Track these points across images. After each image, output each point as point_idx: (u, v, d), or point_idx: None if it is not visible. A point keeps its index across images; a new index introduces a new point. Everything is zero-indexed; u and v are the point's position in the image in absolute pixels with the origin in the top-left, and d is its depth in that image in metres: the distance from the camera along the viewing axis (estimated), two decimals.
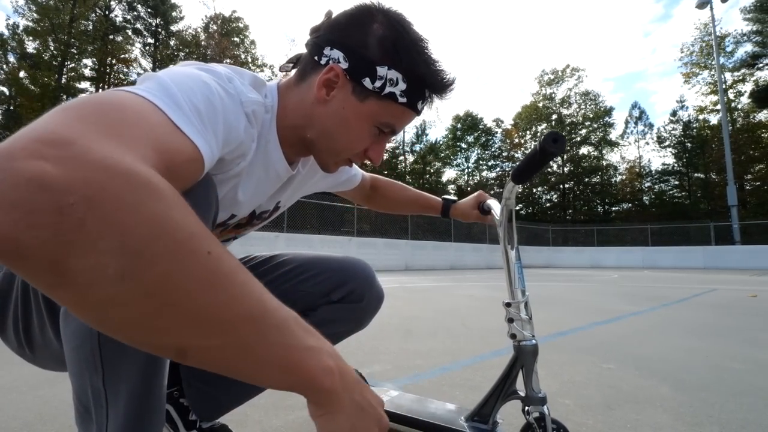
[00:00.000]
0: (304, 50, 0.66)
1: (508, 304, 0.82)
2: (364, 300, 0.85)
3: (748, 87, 27.96)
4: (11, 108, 23.21)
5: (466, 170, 37.94)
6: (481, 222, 1.06)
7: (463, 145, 37.68)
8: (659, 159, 40.95)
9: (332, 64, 0.60)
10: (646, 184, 34.07)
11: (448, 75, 0.64)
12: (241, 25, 30.48)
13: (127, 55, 27.49)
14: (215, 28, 29.24)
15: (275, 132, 0.64)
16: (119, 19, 27.34)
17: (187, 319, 0.30)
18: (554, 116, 36.22)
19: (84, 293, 0.27)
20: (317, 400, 0.38)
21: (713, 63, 25.88)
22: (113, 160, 0.29)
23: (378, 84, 0.60)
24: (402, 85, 0.60)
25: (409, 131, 36.51)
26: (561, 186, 34.90)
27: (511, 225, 0.84)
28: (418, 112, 0.64)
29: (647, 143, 34.96)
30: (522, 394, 0.81)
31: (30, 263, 0.26)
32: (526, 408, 0.80)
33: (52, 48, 23.61)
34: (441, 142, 37.75)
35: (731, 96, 28.38)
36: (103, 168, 0.28)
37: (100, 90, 26.91)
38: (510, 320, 0.81)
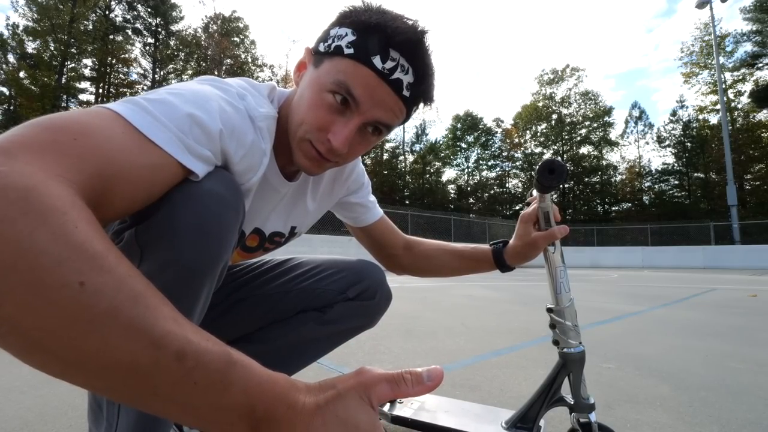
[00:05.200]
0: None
1: (550, 310, 0.78)
2: (376, 297, 0.87)
3: (748, 87, 28.02)
4: (11, 108, 23.20)
5: (466, 170, 38.00)
6: (550, 240, 0.76)
7: (463, 145, 37.75)
8: (659, 159, 40.98)
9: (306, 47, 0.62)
10: (646, 184, 34.12)
11: (409, 23, 0.55)
12: (241, 25, 30.49)
13: (127, 55, 27.53)
14: (215, 28, 29.23)
15: (273, 139, 0.63)
16: (119, 19, 27.41)
17: (54, 358, 0.27)
18: (554, 116, 36.23)
19: None
20: None
21: (713, 63, 25.89)
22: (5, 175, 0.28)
23: (328, 43, 0.57)
24: (350, 37, 0.55)
25: (409, 131, 36.54)
26: (561, 186, 34.85)
27: (549, 227, 0.77)
28: (373, 68, 0.54)
29: (647, 143, 35.01)
30: (568, 399, 0.78)
31: None
32: (573, 414, 0.78)
33: (52, 48, 23.63)
34: (441, 142, 37.81)
35: (731, 96, 28.41)
36: None
37: (101, 90, 26.76)
38: (552, 326, 0.78)
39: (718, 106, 24.18)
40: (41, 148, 0.32)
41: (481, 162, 37.64)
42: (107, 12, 26.42)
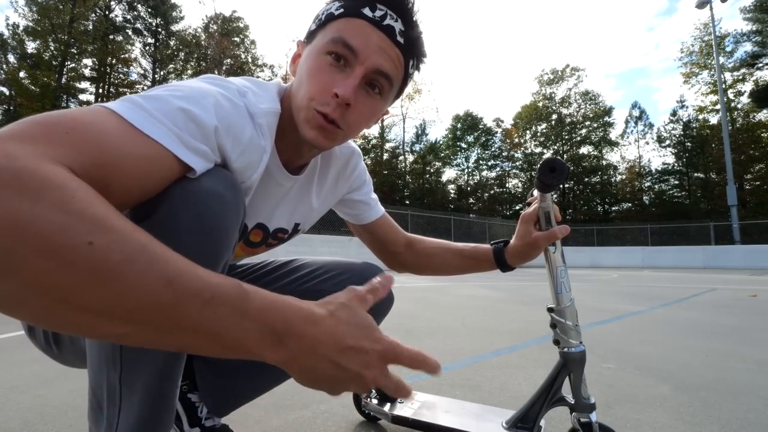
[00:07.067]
0: None
1: (550, 309, 0.78)
2: None
3: (747, 87, 28.00)
4: (11, 108, 23.19)
5: (466, 170, 37.98)
6: (551, 240, 0.77)
7: (463, 145, 37.73)
8: (659, 159, 40.96)
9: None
10: (646, 184, 34.11)
11: None
12: (241, 25, 30.48)
13: (127, 55, 27.52)
14: (215, 28, 29.22)
15: (274, 135, 0.63)
16: (119, 19, 27.39)
17: (84, 312, 0.30)
18: (554, 116, 36.23)
19: None
20: (275, 362, 0.38)
21: (713, 63, 25.89)
22: None
23: (318, 18, 0.61)
24: (337, 3, 0.59)
25: (409, 131, 36.58)
26: (561, 185, 34.80)
27: (550, 227, 0.77)
28: (364, 17, 0.57)
29: (647, 143, 35.00)
30: (569, 399, 0.79)
31: None
32: (574, 414, 0.78)
33: (52, 48, 23.62)
34: (441, 142, 37.78)
35: (731, 96, 28.40)
36: None
37: (101, 90, 26.72)
38: (553, 326, 0.78)
39: (718, 106, 24.20)
40: (33, 139, 0.33)
41: (481, 162, 37.62)
42: (107, 12, 26.40)
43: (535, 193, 0.79)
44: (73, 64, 24.93)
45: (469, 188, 37.73)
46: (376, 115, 0.64)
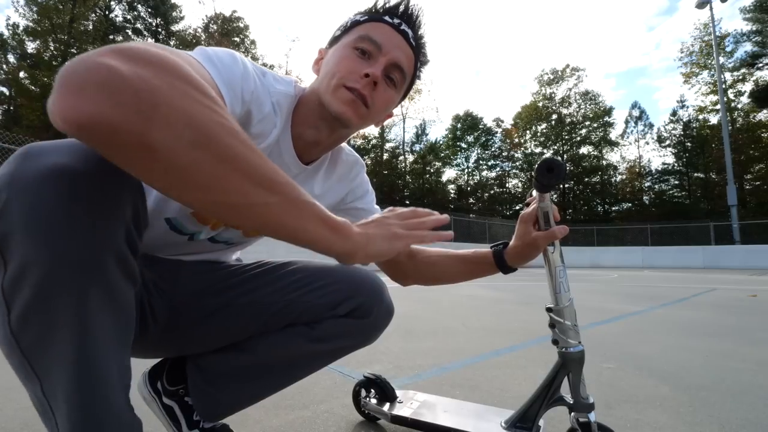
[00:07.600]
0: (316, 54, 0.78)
1: (549, 309, 0.78)
2: (372, 315, 0.79)
3: (748, 87, 27.97)
4: (11, 108, 23.18)
5: (466, 170, 37.97)
6: (550, 240, 0.77)
7: (463, 145, 37.71)
8: (659, 159, 40.88)
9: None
10: (646, 184, 34.08)
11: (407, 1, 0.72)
12: (241, 25, 30.47)
13: None
14: (215, 28, 29.21)
15: (290, 120, 0.70)
16: (119, 19, 27.31)
17: (251, 179, 0.40)
18: (554, 116, 36.22)
19: (169, 159, 0.36)
20: (344, 249, 0.50)
21: (713, 63, 25.88)
22: (171, 61, 0.39)
23: (344, 25, 0.73)
24: (361, 14, 0.72)
25: (409, 131, 36.57)
26: (561, 186, 34.86)
27: (549, 227, 0.77)
28: (386, 22, 0.69)
29: (647, 143, 34.98)
30: (568, 399, 0.79)
31: (121, 137, 0.34)
32: (573, 414, 0.79)
33: (52, 48, 23.59)
34: (441, 142, 37.76)
35: (731, 96, 28.38)
36: (161, 65, 0.37)
37: None
38: (552, 326, 0.78)
39: (718, 106, 24.17)
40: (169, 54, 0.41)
41: (481, 162, 37.59)
42: (107, 12, 26.36)
43: (534, 193, 0.79)
44: None
45: (469, 188, 37.73)
46: (390, 107, 0.73)
